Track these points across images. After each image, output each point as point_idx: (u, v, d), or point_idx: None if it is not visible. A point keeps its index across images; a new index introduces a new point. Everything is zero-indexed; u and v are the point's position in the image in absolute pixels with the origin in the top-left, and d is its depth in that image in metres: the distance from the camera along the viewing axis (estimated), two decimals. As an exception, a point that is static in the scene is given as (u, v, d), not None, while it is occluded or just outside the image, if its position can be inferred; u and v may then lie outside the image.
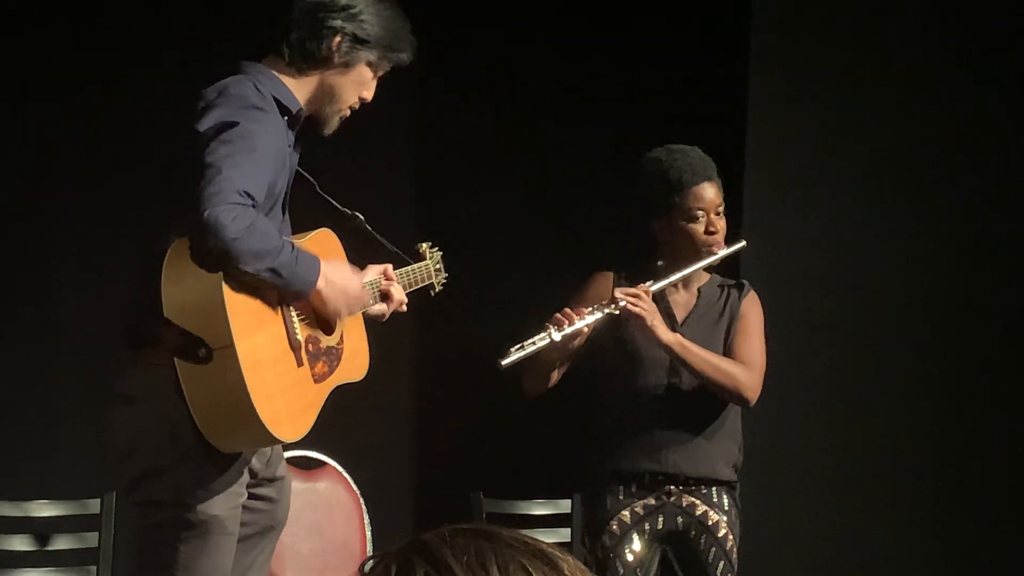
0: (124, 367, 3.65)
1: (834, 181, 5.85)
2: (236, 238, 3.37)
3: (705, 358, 4.35)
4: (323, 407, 3.74)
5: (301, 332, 3.68)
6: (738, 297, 4.50)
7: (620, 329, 4.38)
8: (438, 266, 4.24)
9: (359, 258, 3.94)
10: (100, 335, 4.90)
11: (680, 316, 4.48)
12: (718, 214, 4.41)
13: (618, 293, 4.32)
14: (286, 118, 3.71)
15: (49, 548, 4.85)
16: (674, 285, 4.47)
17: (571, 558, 1.44)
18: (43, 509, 4.86)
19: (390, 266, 3.99)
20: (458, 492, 5.33)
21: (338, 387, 3.81)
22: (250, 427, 3.53)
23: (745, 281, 4.57)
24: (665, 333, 4.34)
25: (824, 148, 5.85)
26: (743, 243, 4.52)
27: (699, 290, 4.52)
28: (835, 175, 5.85)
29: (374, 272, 3.91)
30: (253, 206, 3.43)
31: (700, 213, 4.38)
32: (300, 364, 3.68)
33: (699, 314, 4.48)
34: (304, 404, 3.70)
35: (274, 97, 3.68)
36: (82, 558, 4.87)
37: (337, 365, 3.82)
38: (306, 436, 3.69)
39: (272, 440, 3.63)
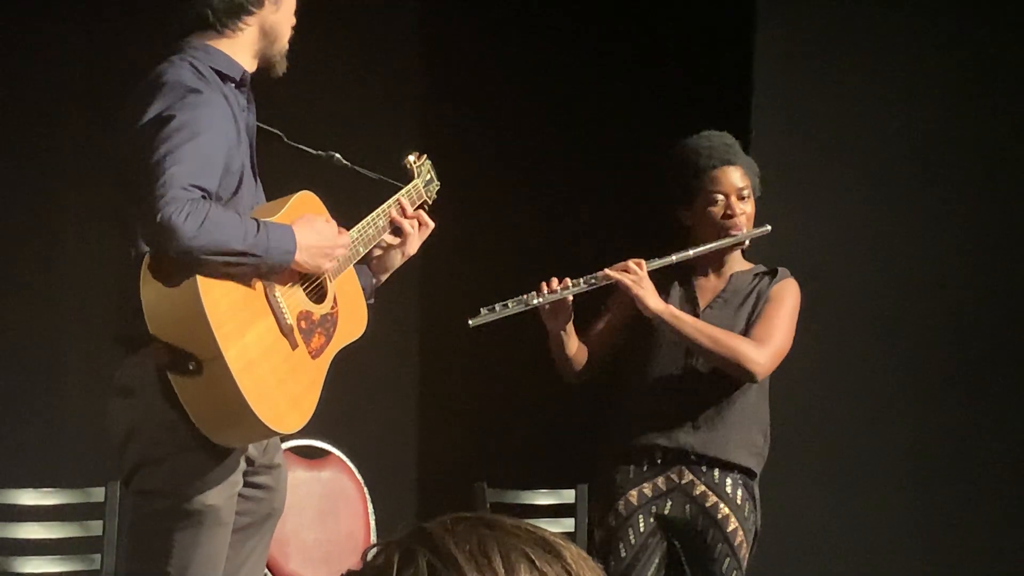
0: (122, 359, 3.62)
1: (839, 174, 5.84)
2: (193, 236, 3.33)
3: (700, 328, 4.26)
4: (329, 395, 3.71)
5: (291, 314, 3.62)
6: (768, 283, 4.40)
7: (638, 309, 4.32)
8: (428, 176, 4.16)
9: (347, 196, 3.88)
10: (103, 324, 4.91)
11: (705, 300, 4.41)
12: (742, 198, 4.35)
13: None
14: (231, 84, 3.65)
15: (53, 536, 4.86)
16: (704, 273, 4.41)
17: (574, 547, 1.45)
18: (47, 497, 4.86)
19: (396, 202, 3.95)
20: (462, 482, 5.33)
21: (342, 378, 3.79)
22: (251, 427, 3.51)
23: (782, 268, 4.45)
24: (654, 303, 4.27)
25: (829, 141, 5.85)
26: (767, 228, 4.41)
27: (731, 276, 4.43)
28: (840, 168, 5.85)
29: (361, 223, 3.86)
30: (205, 197, 3.38)
31: (719, 197, 4.34)
32: (295, 346, 3.64)
33: (724, 299, 4.40)
34: (305, 385, 3.67)
35: (214, 69, 3.62)
36: (86, 546, 4.87)
37: (334, 331, 3.77)
38: (311, 425, 3.67)
39: (276, 434, 3.62)
